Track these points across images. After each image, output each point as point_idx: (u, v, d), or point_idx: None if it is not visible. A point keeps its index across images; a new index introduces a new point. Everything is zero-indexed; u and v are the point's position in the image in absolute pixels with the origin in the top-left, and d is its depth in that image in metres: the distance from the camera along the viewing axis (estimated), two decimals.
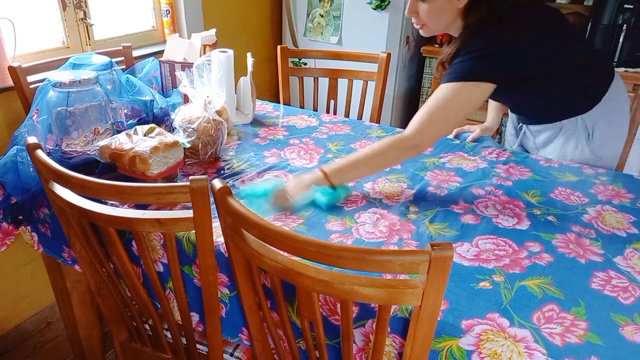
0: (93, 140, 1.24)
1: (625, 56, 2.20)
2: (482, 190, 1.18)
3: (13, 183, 1.13)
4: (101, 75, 1.32)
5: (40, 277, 1.77)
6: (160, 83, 1.59)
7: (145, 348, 1.14)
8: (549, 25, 1.22)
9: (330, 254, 0.64)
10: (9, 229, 1.21)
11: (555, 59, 1.20)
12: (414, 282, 0.65)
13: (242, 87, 1.58)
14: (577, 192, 1.18)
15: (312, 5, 2.60)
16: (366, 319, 0.82)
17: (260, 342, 0.95)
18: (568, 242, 0.98)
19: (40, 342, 1.71)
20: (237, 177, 1.21)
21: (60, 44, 1.76)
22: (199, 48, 1.65)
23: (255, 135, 1.48)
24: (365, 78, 1.81)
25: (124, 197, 0.87)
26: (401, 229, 1.01)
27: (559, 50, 1.21)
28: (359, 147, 1.41)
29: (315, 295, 0.72)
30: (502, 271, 0.88)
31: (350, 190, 1.15)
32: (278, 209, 1.07)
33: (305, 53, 2.00)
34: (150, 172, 1.09)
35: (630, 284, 0.86)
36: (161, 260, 1.02)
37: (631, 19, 2.14)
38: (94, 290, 1.10)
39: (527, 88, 1.25)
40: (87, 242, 0.96)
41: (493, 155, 1.38)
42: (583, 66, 1.28)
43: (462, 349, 0.74)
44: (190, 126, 1.23)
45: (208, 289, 0.90)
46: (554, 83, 1.25)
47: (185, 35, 2.15)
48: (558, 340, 0.74)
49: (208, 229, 0.83)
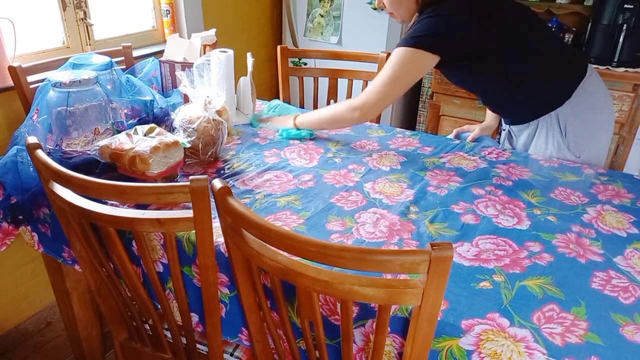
0: (93, 140, 1.23)
1: (625, 56, 2.20)
2: (482, 190, 1.18)
3: (13, 183, 1.13)
4: (101, 75, 1.32)
5: (40, 277, 1.77)
6: (160, 83, 1.59)
7: (145, 348, 1.14)
8: (499, 6, 1.33)
9: (330, 254, 0.64)
10: (9, 229, 1.21)
11: (507, 39, 1.29)
12: (414, 282, 0.65)
13: (242, 87, 1.58)
14: (577, 192, 1.18)
15: (312, 5, 2.60)
16: (366, 319, 0.82)
17: (260, 342, 0.95)
18: (568, 242, 0.98)
19: (40, 342, 1.71)
20: (237, 177, 1.21)
21: (60, 44, 1.76)
22: (199, 48, 1.65)
23: (255, 135, 1.48)
24: (365, 78, 1.81)
25: (124, 197, 0.87)
26: (401, 229, 1.01)
27: (510, 30, 1.30)
28: (359, 147, 1.41)
29: (315, 295, 0.72)
30: (503, 271, 0.88)
31: (313, 134, 1.46)
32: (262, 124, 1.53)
33: (305, 53, 2.00)
34: (150, 172, 1.09)
35: (630, 284, 0.86)
36: (161, 260, 1.02)
37: (631, 19, 2.14)
38: (94, 290, 1.10)
39: (482, 69, 1.34)
40: (87, 242, 0.96)
41: (493, 155, 1.38)
42: (546, 57, 1.33)
43: (462, 348, 0.74)
44: (190, 126, 1.23)
45: (208, 289, 0.90)
46: (514, 69, 1.32)
47: (185, 35, 2.15)
48: (558, 340, 0.74)
49: (208, 229, 0.83)
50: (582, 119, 1.33)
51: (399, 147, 1.42)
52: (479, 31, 1.26)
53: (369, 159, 1.33)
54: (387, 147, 1.42)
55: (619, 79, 2.17)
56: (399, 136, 1.51)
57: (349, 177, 1.23)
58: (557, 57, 1.34)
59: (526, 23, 1.35)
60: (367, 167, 1.29)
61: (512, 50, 1.30)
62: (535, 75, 1.33)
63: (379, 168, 1.29)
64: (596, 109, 1.35)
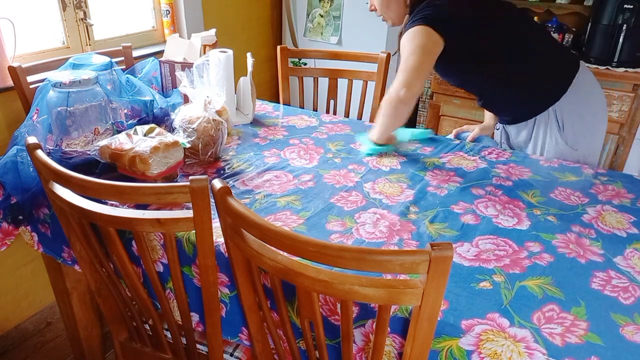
0: (93, 140, 1.23)
1: (625, 56, 2.19)
2: (482, 190, 1.18)
3: (13, 183, 1.13)
4: (101, 75, 1.32)
5: (40, 277, 1.77)
6: (160, 83, 1.59)
7: (145, 348, 1.14)
8: (499, 6, 1.35)
9: (330, 254, 0.64)
10: (9, 229, 1.21)
11: (506, 38, 1.32)
12: (414, 282, 0.65)
13: (242, 87, 1.58)
14: (577, 192, 1.18)
15: (312, 6, 2.60)
16: (366, 319, 0.82)
17: (260, 342, 0.95)
18: (568, 242, 0.98)
19: (40, 342, 1.71)
20: (237, 177, 1.21)
21: (60, 44, 1.76)
22: (199, 48, 1.65)
23: (255, 135, 1.48)
24: (365, 78, 1.81)
25: (124, 197, 0.87)
26: (401, 229, 1.01)
27: (509, 29, 1.33)
28: (359, 147, 1.41)
29: (315, 295, 0.72)
30: (502, 271, 0.88)
31: (392, 147, 1.40)
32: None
33: (305, 53, 2.00)
34: (150, 172, 1.09)
35: (630, 284, 0.86)
36: (161, 260, 1.02)
37: (631, 19, 2.14)
38: (94, 290, 1.10)
39: (481, 68, 1.36)
40: (87, 242, 0.96)
41: (493, 155, 1.38)
42: (544, 55, 1.35)
43: (462, 349, 0.74)
44: (190, 126, 1.23)
45: (208, 289, 0.90)
46: (514, 69, 1.33)
47: (185, 35, 2.15)
48: (558, 340, 0.74)
49: (208, 229, 0.83)
50: (579, 112, 1.36)
51: (399, 147, 1.42)
52: (478, 28, 1.28)
53: (368, 159, 1.33)
54: (387, 147, 1.41)
55: (619, 79, 2.17)
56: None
57: (349, 177, 1.23)
58: (554, 55, 1.37)
59: (525, 23, 1.37)
60: (367, 167, 1.29)
61: (511, 50, 1.32)
62: (535, 74, 1.35)
63: (378, 168, 1.29)
64: (590, 101, 1.39)
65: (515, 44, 1.33)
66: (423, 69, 1.28)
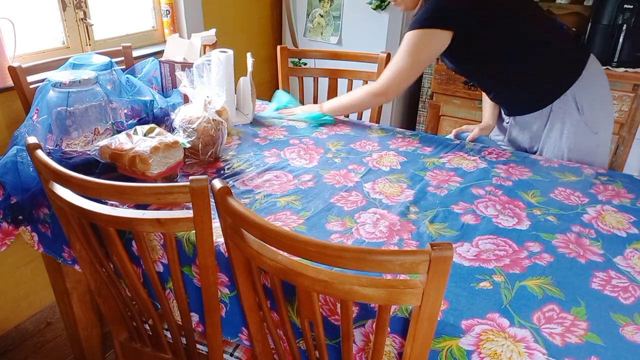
0: (93, 140, 1.23)
1: (625, 56, 2.19)
2: (482, 190, 1.18)
3: (13, 183, 1.13)
4: (101, 75, 1.32)
5: (40, 277, 1.77)
6: (160, 83, 1.59)
7: (145, 348, 1.14)
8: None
9: (330, 254, 0.64)
10: (9, 229, 1.21)
11: (519, 23, 1.36)
12: (414, 282, 0.65)
13: (242, 87, 1.58)
14: (577, 192, 1.18)
15: (312, 6, 2.60)
16: (366, 319, 0.82)
17: (260, 342, 0.95)
18: (568, 242, 0.98)
19: (40, 342, 1.71)
20: (237, 177, 1.21)
21: (60, 44, 1.76)
22: (199, 48, 1.65)
23: (255, 135, 1.48)
24: (365, 78, 1.81)
25: (124, 197, 0.87)
26: (401, 229, 1.01)
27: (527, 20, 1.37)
28: (359, 147, 1.41)
29: (315, 295, 0.72)
30: (502, 271, 0.88)
31: (332, 120, 1.58)
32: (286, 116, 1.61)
33: (305, 53, 2.00)
34: (150, 172, 1.09)
35: (630, 284, 0.86)
36: (161, 260, 1.02)
37: (631, 19, 2.14)
38: (94, 290, 1.10)
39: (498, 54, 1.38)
40: (87, 242, 0.96)
41: (493, 155, 1.38)
42: (555, 37, 1.40)
43: (462, 349, 0.74)
44: (190, 126, 1.23)
45: (208, 289, 0.90)
46: (529, 55, 1.37)
47: (185, 35, 2.15)
48: (558, 340, 0.74)
49: (208, 229, 0.83)
50: (595, 95, 1.39)
51: (399, 147, 1.42)
52: (493, 16, 1.32)
53: (368, 159, 1.33)
54: (387, 147, 1.42)
55: (619, 79, 2.17)
56: (399, 136, 1.51)
57: (348, 177, 1.23)
58: (567, 41, 1.43)
59: (539, 11, 1.43)
60: (367, 167, 1.29)
61: (527, 38, 1.36)
62: (551, 59, 1.38)
63: (378, 168, 1.29)
64: (604, 87, 1.43)
65: (531, 31, 1.37)
66: (411, 75, 1.40)
